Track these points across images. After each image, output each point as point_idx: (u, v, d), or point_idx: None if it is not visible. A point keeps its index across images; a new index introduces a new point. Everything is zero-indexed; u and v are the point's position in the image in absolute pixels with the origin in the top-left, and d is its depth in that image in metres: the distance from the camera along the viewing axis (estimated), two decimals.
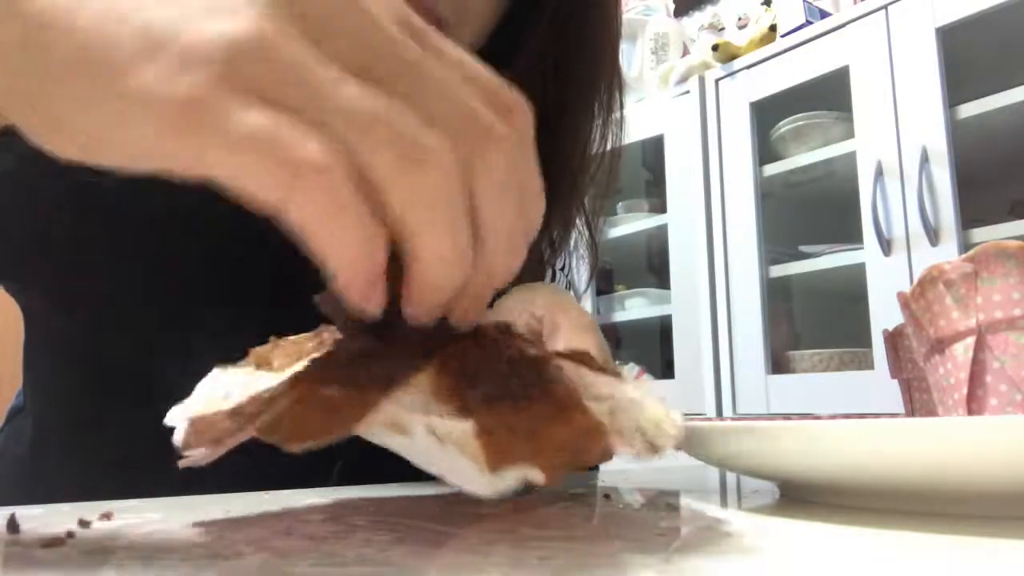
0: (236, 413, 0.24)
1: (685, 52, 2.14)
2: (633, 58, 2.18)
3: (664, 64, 2.11)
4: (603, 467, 0.54)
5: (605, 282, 2.28)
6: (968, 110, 1.44)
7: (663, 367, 2.16)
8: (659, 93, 2.05)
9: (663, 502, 0.36)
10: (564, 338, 0.35)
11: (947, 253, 1.41)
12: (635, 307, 2.12)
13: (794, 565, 0.22)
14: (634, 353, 2.24)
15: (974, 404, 0.39)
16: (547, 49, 0.51)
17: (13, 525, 0.26)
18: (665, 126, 1.99)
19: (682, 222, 1.91)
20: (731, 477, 0.46)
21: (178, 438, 0.25)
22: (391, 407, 0.22)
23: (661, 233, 2.00)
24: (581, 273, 0.62)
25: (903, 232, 1.48)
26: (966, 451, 0.26)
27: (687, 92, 1.92)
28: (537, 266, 0.57)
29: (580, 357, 0.29)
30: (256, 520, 0.28)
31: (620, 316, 2.15)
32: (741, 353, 1.73)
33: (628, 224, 2.14)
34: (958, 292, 0.40)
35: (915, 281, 0.42)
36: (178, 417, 0.25)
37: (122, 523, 0.27)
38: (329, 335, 0.29)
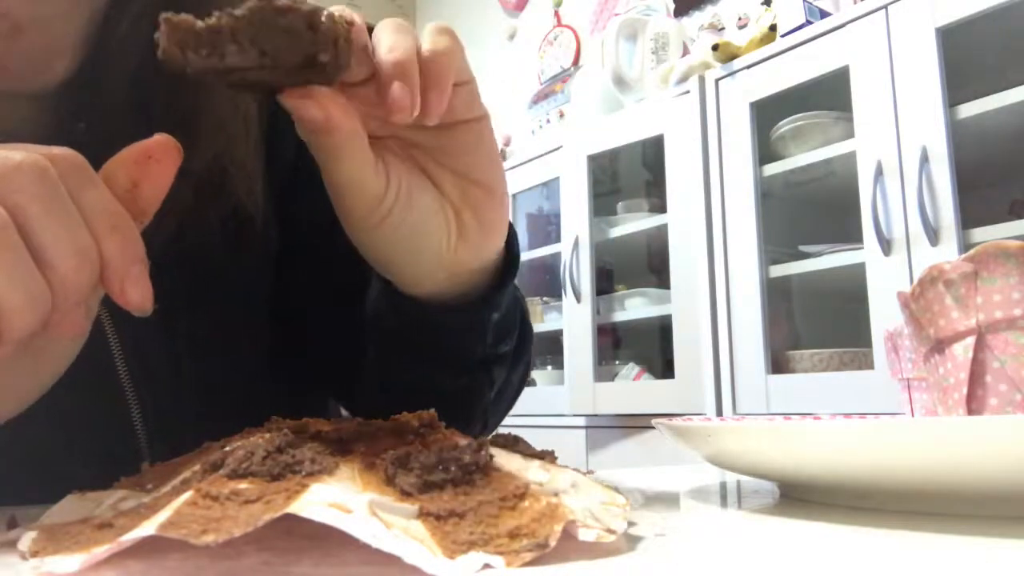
0: (105, 525, 0.23)
1: (685, 52, 2.14)
2: (633, 58, 2.18)
3: (664, 64, 2.10)
4: (601, 468, 0.54)
5: (605, 282, 2.28)
6: (968, 110, 1.44)
7: (663, 367, 2.16)
8: (659, 93, 2.05)
9: (663, 502, 0.36)
10: None
11: (947, 253, 1.41)
12: (635, 307, 2.12)
13: (794, 565, 0.22)
14: (634, 353, 2.24)
15: (974, 404, 0.39)
16: None
17: (13, 525, 0.26)
18: (665, 126, 1.98)
19: (682, 222, 1.91)
20: (731, 477, 0.46)
21: (24, 545, 0.22)
22: (322, 487, 0.21)
23: (661, 233, 2.00)
24: None
25: (903, 232, 1.48)
26: (966, 451, 0.26)
27: (687, 92, 1.92)
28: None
29: (512, 443, 0.29)
30: None
31: (620, 316, 2.15)
32: (741, 353, 1.73)
33: (628, 224, 2.14)
34: (958, 292, 0.40)
35: (915, 281, 0.42)
36: (27, 535, 0.23)
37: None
38: (216, 446, 0.27)
